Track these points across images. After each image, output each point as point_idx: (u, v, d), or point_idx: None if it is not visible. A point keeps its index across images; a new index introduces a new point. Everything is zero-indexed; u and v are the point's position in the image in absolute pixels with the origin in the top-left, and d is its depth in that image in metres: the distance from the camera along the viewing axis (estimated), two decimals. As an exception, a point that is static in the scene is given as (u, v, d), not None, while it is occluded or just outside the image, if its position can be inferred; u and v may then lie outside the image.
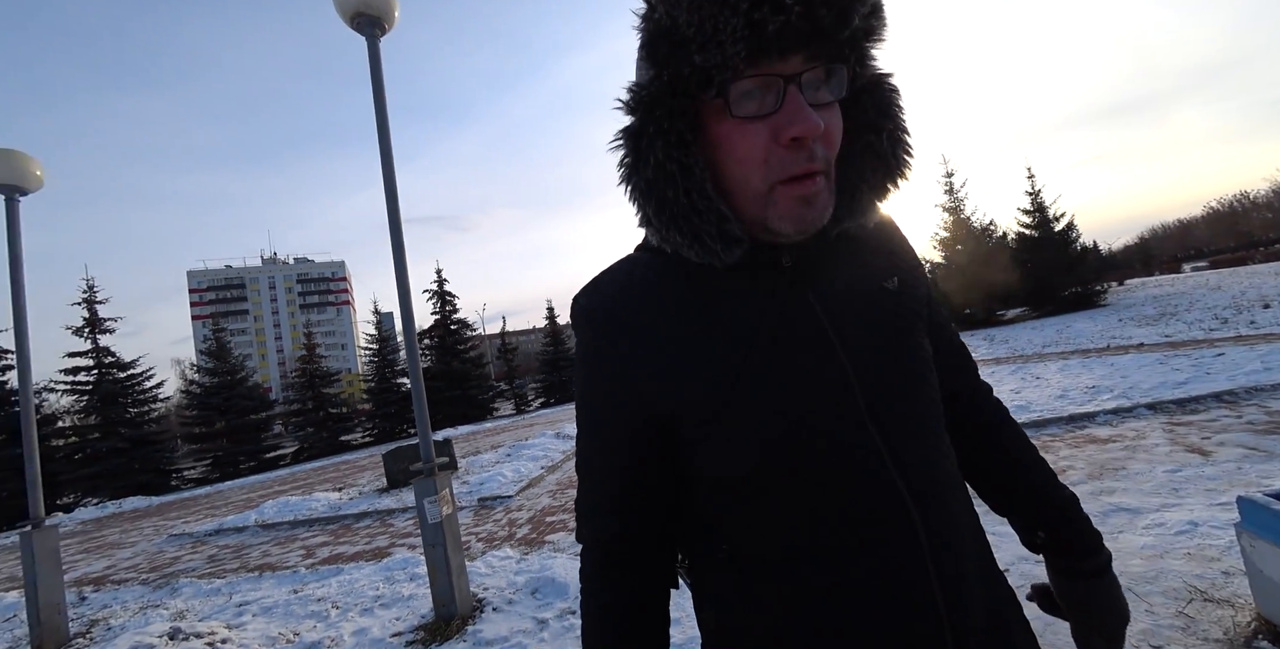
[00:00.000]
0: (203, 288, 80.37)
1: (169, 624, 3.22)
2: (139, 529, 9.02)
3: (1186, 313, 11.51)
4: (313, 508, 7.17)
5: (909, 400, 0.53)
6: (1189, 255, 62.23)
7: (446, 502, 2.99)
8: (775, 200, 0.46)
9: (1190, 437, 3.84)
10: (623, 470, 0.56)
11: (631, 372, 0.53)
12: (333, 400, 22.60)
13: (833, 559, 0.49)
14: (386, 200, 3.18)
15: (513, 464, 7.53)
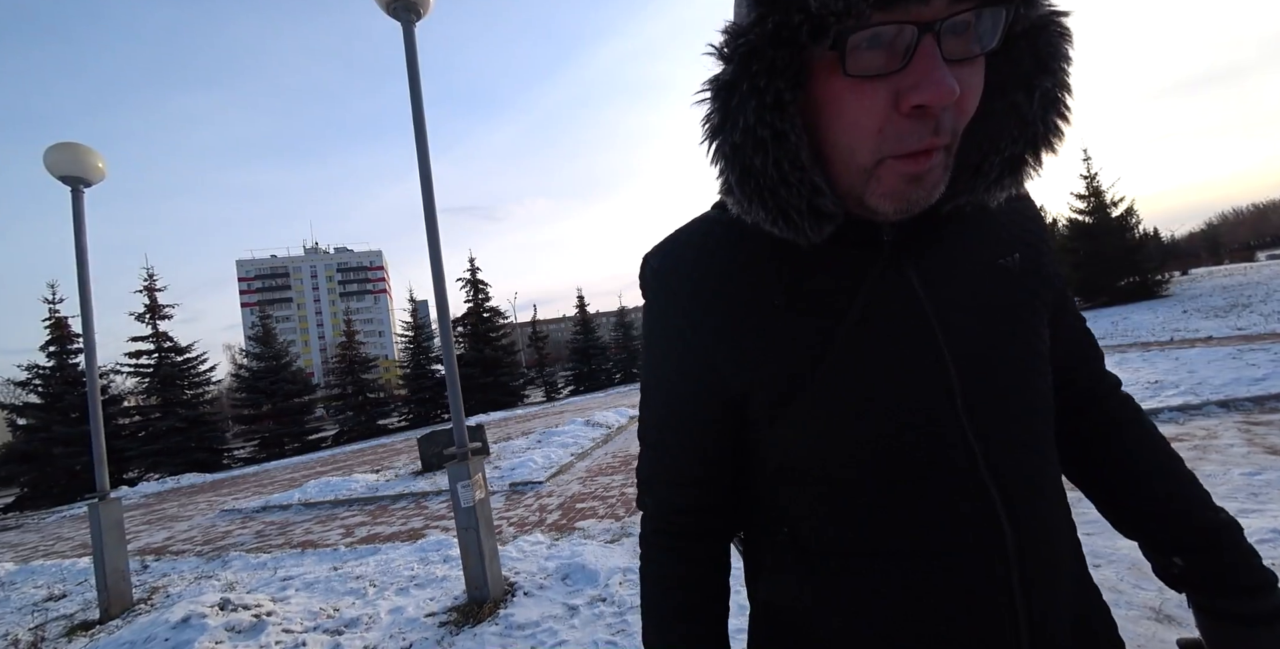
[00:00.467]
0: (250, 276, 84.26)
1: (220, 595, 3.38)
2: (194, 504, 9.59)
3: (1262, 304, 10.66)
4: (352, 488, 7.44)
5: (1014, 397, 0.47)
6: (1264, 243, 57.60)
7: (479, 486, 3.02)
8: (880, 176, 0.39)
9: (1270, 437, 3.54)
10: (690, 444, 0.52)
11: (704, 344, 0.48)
12: (370, 385, 23.44)
13: (904, 561, 0.45)
14: (421, 187, 3.18)
15: (543, 450, 7.62)
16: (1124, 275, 17.29)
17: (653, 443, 0.56)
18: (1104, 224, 17.81)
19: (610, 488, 5.27)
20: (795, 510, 0.49)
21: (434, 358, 24.21)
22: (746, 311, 0.46)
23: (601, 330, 28.74)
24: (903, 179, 0.39)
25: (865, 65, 0.36)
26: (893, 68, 0.36)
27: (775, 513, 0.51)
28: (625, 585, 2.89)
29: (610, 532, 3.93)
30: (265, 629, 2.90)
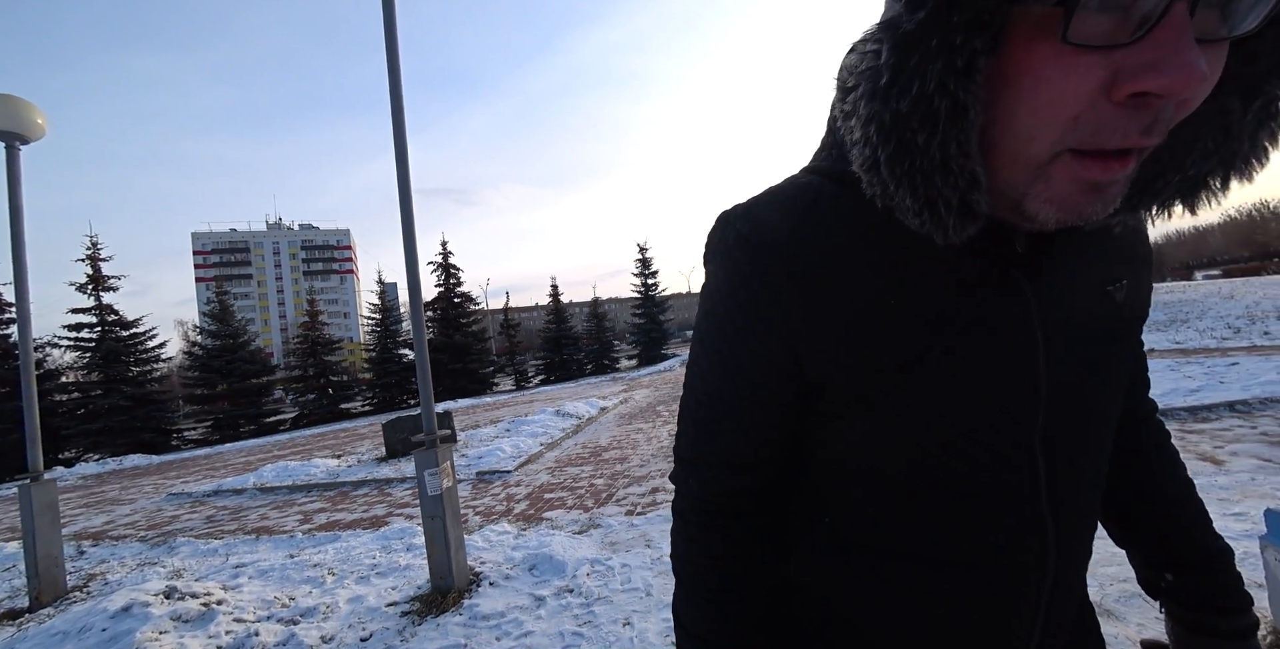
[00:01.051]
0: (207, 250, 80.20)
1: (165, 582, 3.22)
2: (139, 486, 9.13)
3: (1198, 320, 11.38)
4: (311, 473, 7.21)
5: (1091, 433, 0.45)
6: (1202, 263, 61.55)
7: (447, 474, 2.96)
8: (1052, 176, 0.32)
9: (1202, 445, 3.79)
10: (751, 428, 0.48)
11: (790, 326, 0.43)
12: (334, 368, 22.72)
13: (945, 569, 0.44)
14: (397, 166, 3.06)
15: (512, 439, 7.55)
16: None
17: (705, 421, 0.50)
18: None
19: (579, 479, 5.26)
20: (838, 503, 0.48)
21: (402, 342, 23.62)
22: (846, 300, 0.41)
23: (575, 320, 28.55)
24: (1081, 185, 0.32)
25: (1090, 31, 0.28)
26: (1121, 39, 0.28)
27: (815, 501, 0.50)
28: (593, 577, 2.89)
29: (579, 523, 3.92)
30: (215, 618, 2.79)
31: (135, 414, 17.10)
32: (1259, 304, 12.59)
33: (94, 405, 16.92)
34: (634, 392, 13.15)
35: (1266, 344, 7.42)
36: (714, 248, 0.47)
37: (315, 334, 22.63)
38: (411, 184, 3.13)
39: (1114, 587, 2.16)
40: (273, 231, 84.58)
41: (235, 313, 21.97)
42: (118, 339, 17.93)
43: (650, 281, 27.50)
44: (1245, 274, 33.19)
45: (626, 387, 14.95)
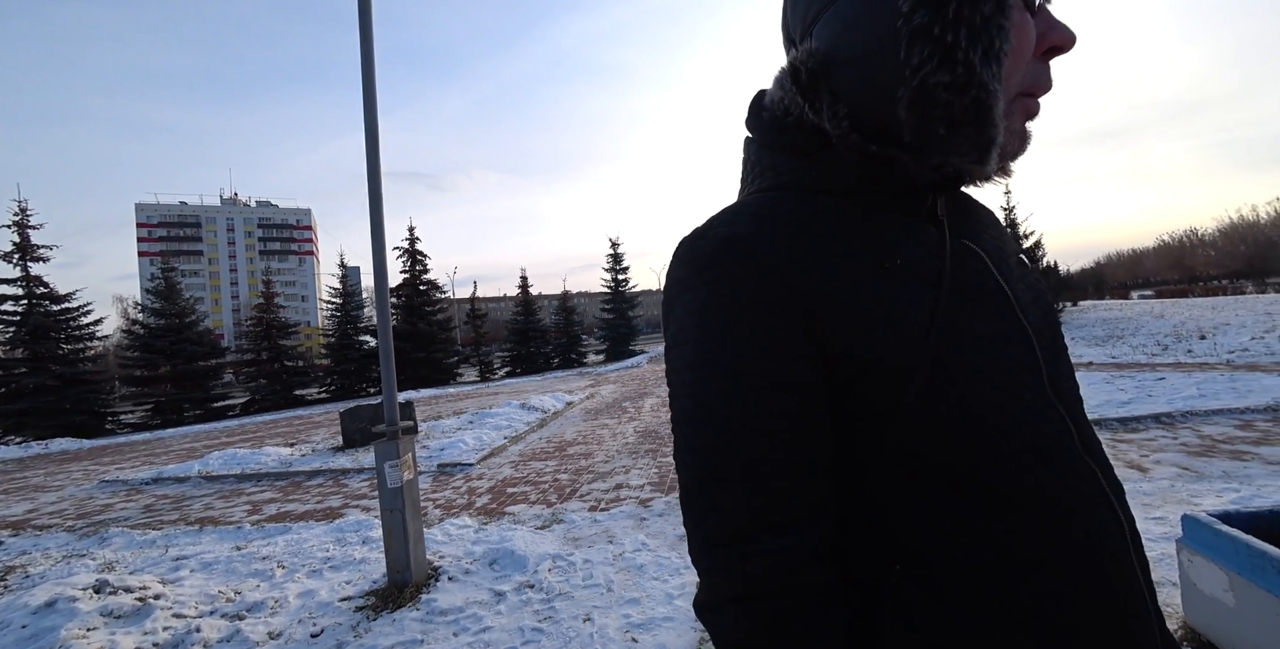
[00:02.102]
0: (152, 223, 75.38)
1: (96, 576, 3.04)
2: (66, 472, 8.54)
3: (1132, 337, 12.21)
4: (262, 462, 6.92)
5: (1071, 378, 0.48)
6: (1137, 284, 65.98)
7: (408, 466, 2.89)
8: (1014, 111, 0.42)
9: (1130, 454, 4.07)
10: (795, 454, 0.40)
11: (808, 310, 0.40)
12: (289, 353, 21.79)
13: (1047, 564, 0.39)
14: (366, 146, 2.96)
15: (475, 432, 7.43)
16: (1027, 301, 19.26)
17: (732, 470, 0.40)
18: (1016, 253, 19.71)
19: (543, 473, 5.23)
20: (914, 524, 0.40)
21: (363, 328, 22.86)
22: (857, 275, 0.41)
23: (543, 313, 28.24)
24: (1024, 118, 0.43)
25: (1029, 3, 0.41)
26: (1032, 10, 0.41)
27: (882, 545, 0.41)
28: (554, 572, 2.89)
29: (541, 518, 3.91)
30: (152, 613, 2.65)
31: (65, 395, 15.95)
32: (1184, 324, 13.60)
33: (18, 384, 15.69)
34: (601, 387, 13.14)
35: (1189, 361, 8.03)
36: (691, 265, 0.43)
37: (270, 316, 21.62)
38: (382, 166, 3.03)
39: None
40: (227, 207, 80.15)
41: (183, 291, 20.76)
42: (47, 314, 16.64)
43: (621, 277, 27.47)
44: (1174, 295, 35.76)
45: (593, 382, 14.92)
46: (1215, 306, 18.79)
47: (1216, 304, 20.27)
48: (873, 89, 0.41)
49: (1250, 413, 4.85)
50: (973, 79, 0.37)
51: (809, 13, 0.45)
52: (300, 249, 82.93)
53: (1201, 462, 3.75)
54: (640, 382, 13.58)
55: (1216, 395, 5.51)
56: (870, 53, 0.41)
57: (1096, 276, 69.66)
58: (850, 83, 0.42)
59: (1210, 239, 69.58)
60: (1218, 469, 3.58)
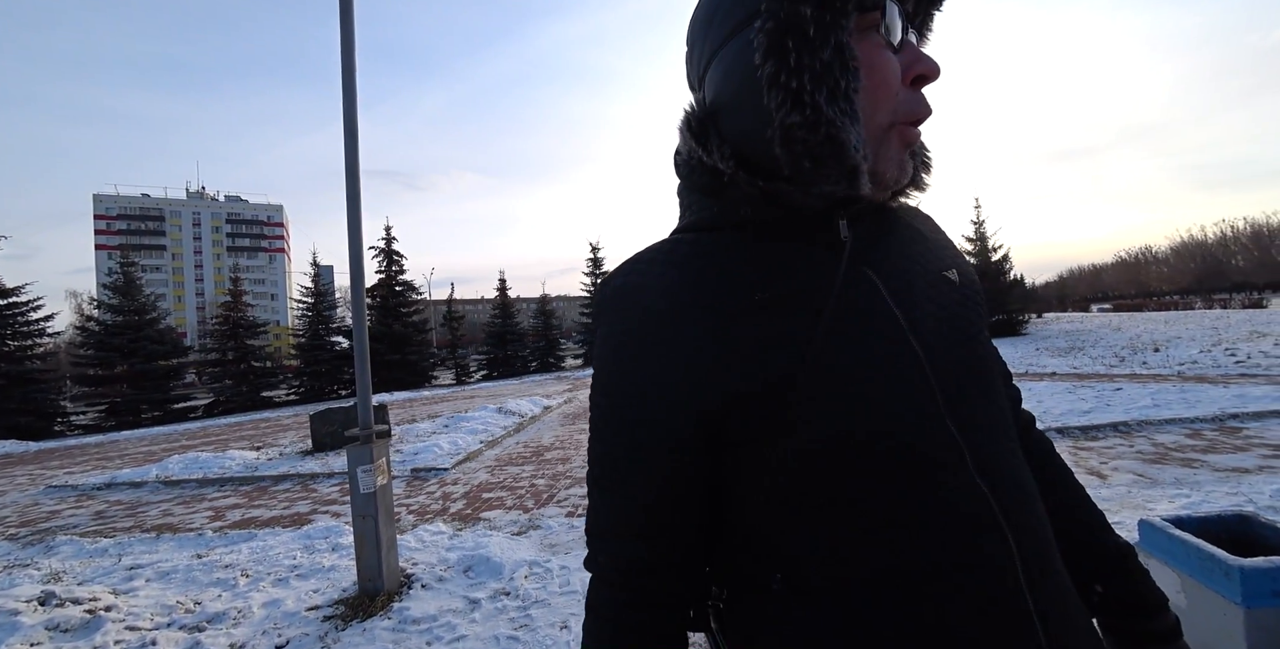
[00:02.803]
0: (112, 215, 72.26)
1: (40, 587, 2.88)
2: (10, 477, 8.06)
3: (1091, 348, 12.74)
4: (226, 466, 6.66)
5: (984, 399, 0.48)
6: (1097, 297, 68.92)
7: (382, 471, 2.83)
8: (890, 140, 0.45)
9: (1091, 461, 4.24)
10: (658, 479, 0.47)
11: (688, 350, 0.45)
12: (257, 353, 21.09)
13: (918, 583, 0.41)
14: (345, 143, 2.90)
15: (450, 436, 7.30)
16: (995, 313, 19.88)
17: (609, 484, 0.49)
18: (985, 266, 20.35)
19: (520, 478, 5.17)
20: (792, 542, 0.45)
21: (335, 329, 22.28)
22: (723, 314, 0.45)
23: (521, 316, 27.98)
24: (902, 147, 0.46)
25: (893, 36, 0.44)
26: (896, 46, 0.45)
27: (764, 557, 0.46)
28: (531, 579, 2.85)
29: (518, 523, 3.86)
30: (103, 626, 2.52)
31: (11, 394, 15.12)
32: (1140, 337, 14.26)
33: (-42, 382, 14.82)
34: (579, 391, 13.07)
35: (1144, 373, 8.42)
36: (597, 309, 0.51)
37: (238, 315, 20.90)
38: (360, 163, 2.98)
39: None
40: (194, 200, 77.37)
41: (143, 286, 19.91)
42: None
43: (601, 281, 27.39)
44: (1131, 309, 37.45)
45: (571, 386, 14.83)
46: (1168, 320, 19.78)
47: (1169, 318, 21.32)
48: (750, 131, 0.45)
49: (1199, 422, 5.11)
50: (820, 117, 0.41)
51: (700, 65, 0.50)
52: (271, 246, 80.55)
53: (1156, 469, 3.93)
54: (619, 386, 13.55)
55: (1169, 405, 5.78)
56: (742, 100, 0.45)
57: (1061, 290, 72.56)
58: (732, 126, 0.47)
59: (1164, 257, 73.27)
60: (1170, 476, 3.75)
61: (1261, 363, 8.39)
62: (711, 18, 0.47)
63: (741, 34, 0.44)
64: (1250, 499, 3.12)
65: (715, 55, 0.47)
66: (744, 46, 0.44)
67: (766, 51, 0.41)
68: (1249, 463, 3.87)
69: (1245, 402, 5.63)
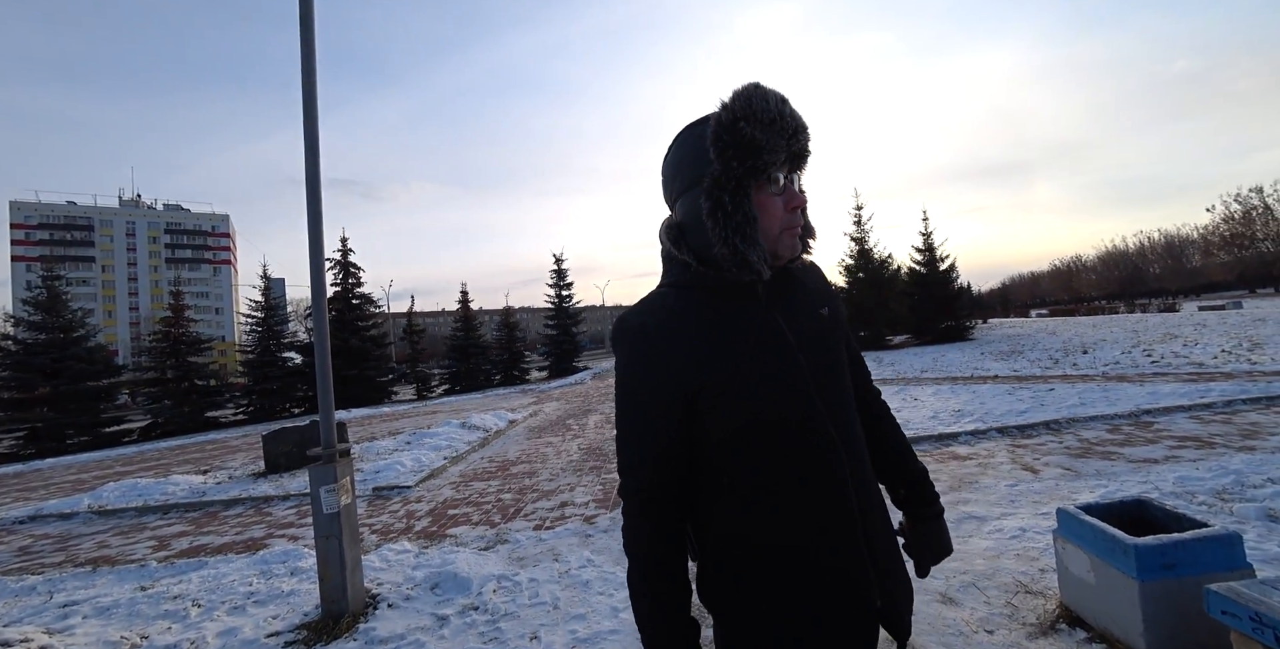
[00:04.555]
0: (31, 224, 66.98)
1: (-33, 627, 2.69)
2: (-83, 512, 7.33)
3: (1030, 351, 13.62)
4: (169, 492, 6.29)
5: (840, 388, 0.83)
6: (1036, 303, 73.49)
7: (346, 490, 2.80)
8: (783, 238, 0.78)
9: (1026, 457, 4.58)
10: (665, 432, 0.78)
11: (673, 362, 0.76)
12: (200, 371, 19.90)
13: (795, 488, 0.76)
14: (306, 154, 2.90)
15: (413, 453, 7.14)
16: (945, 319, 20.96)
17: (634, 438, 0.80)
18: (934, 275, 21.45)
19: (486, 494, 5.12)
20: (732, 464, 0.77)
21: (287, 344, 21.33)
22: (694, 341, 0.77)
23: (484, 328, 27.52)
24: (791, 239, 0.79)
25: (776, 188, 0.76)
26: (781, 191, 0.77)
27: (718, 470, 0.79)
28: (499, 593, 2.86)
29: (485, 539, 3.84)
30: (40, 665, 2.38)
31: (-87, 421, 13.72)
32: (1071, 340, 15.35)
33: None
34: (544, 404, 12.97)
35: (1074, 374, 9.09)
36: (616, 337, 0.82)
37: (179, 331, 19.72)
38: (321, 172, 2.97)
39: (956, 578, 2.58)
40: (128, 209, 72.63)
41: (69, 301, 18.52)
42: (-105, 327, 14.35)
43: (565, 293, 27.32)
44: (1065, 314, 40.21)
45: (537, 399, 14.69)
46: (1095, 324, 21.33)
47: (1097, 322, 22.99)
48: (702, 245, 0.78)
49: (1118, 418, 5.59)
50: (736, 250, 0.73)
51: (672, 195, 0.83)
52: (216, 257, 76.34)
53: (1080, 462, 4.29)
54: (584, 398, 13.53)
55: (1093, 403, 6.29)
56: (698, 227, 0.77)
57: (1004, 296, 77.05)
58: (693, 239, 0.80)
59: (1092, 265, 78.88)
60: (1092, 468, 4.10)
61: (1172, 362, 9.22)
62: (678, 170, 0.79)
63: (696, 188, 0.76)
64: (1156, 486, 3.47)
65: (682, 194, 0.79)
66: (698, 196, 0.76)
67: (711, 208, 0.74)
68: (1158, 454, 4.28)
69: (1157, 398, 6.19)
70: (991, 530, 3.09)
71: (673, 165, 0.79)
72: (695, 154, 0.75)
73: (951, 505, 3.55)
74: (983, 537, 3.02)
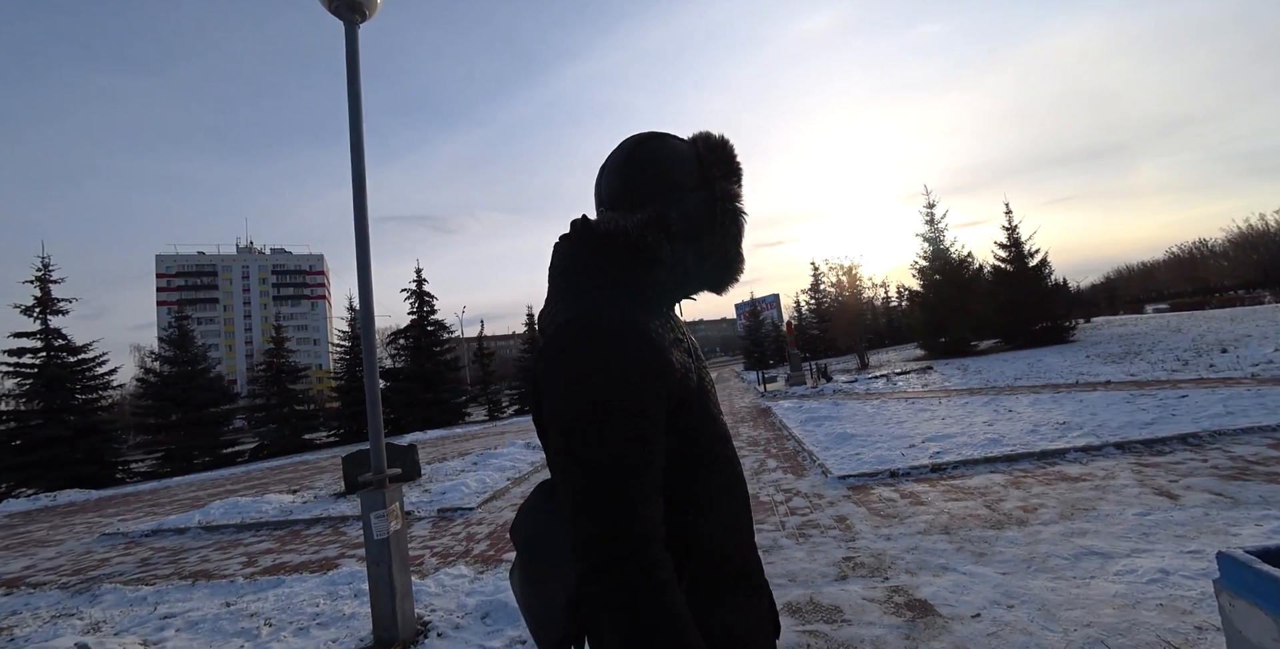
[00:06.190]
0: (171, 273, 77.69)
1: (77, 638, 2.93)
2: (69, 526, 8.45)
3: (1149, 353, 11.87)
4: (263, 510, 6.80)
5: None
6: (1151, 297, 64.87)
7: (395, 516, 2.80)
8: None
9: (1158, 479, 3.86)
10: (655, 454, 0.66)
11: (664, 371, 0.69)
12: (299, 397, 21.85)
13: (732, 468, 0.81)
14: (354, 192, 3.02)
15: (478, 473, 7.28)
16: (1038, 320, 18.89)
17: (627, 469, 0.63)
18: (1022, 272, 19.49)
19: (546, 516, 5.06)
20: (695, 471, 0.74)
21: (372, 370, 22.96)
22: (669, 349, 0.73)
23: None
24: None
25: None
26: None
27: (678, 485, 0.72)
28: (549, 625, 2.73)
29: (540, 564, 3.74)
30: (127, 681, 2.52)
31: (77, 445, 16.02)
32: (1203, 337, 13.25)
33: (30, 436, 15.81)
34: (609, 422, 12.93)
35: (1212, 377, 7.74)
36: (598, 337, 0.75)
37: (280, 361, 21.84)
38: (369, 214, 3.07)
39: (1078, 631, 2.13)
40: (243, 255, 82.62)
41: (196, 338, 21.10)
42: (63, 365, 16.95)
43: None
44: (1190, 308, 35.05)
45: (602, 416, 14.69)
46: (1234, 318, 18.37)
47: (1235, 315, 19.82)
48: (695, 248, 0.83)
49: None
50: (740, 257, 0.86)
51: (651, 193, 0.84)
52: (313, 293, 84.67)
53: (1236, 486, 3.54)
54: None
55: (1244, 412, 5.26)
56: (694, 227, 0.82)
57: (1109, 291, 68.72)
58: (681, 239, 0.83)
59: (1221, 250, 68.71)
60: (1254, 494, 3.36)
61: (1348, 360, 7.62)
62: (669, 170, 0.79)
63: (699, 190, 0.79)
64: (1351, 519, 2.75)
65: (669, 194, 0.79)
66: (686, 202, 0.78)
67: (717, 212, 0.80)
68: (1346, 475, 3.44)
69: (1333, 405, 5.08)
70: (1120, 571, 2.56)
71: (657, 164, 0.78)
72: (685, 162, 0.79)
73: (1064, 538, 3.01)
74: (1109, 578, 2.51)
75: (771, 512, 4.30)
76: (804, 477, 5.34)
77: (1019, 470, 4.53)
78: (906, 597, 2.59)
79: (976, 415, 7.05)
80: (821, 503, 4.38)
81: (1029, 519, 3.40)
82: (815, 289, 36.01)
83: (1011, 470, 4.55)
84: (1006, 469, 4.60)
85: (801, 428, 7.83)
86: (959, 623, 2.29)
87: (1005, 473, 4.50)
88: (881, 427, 7.13)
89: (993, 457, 4.86)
